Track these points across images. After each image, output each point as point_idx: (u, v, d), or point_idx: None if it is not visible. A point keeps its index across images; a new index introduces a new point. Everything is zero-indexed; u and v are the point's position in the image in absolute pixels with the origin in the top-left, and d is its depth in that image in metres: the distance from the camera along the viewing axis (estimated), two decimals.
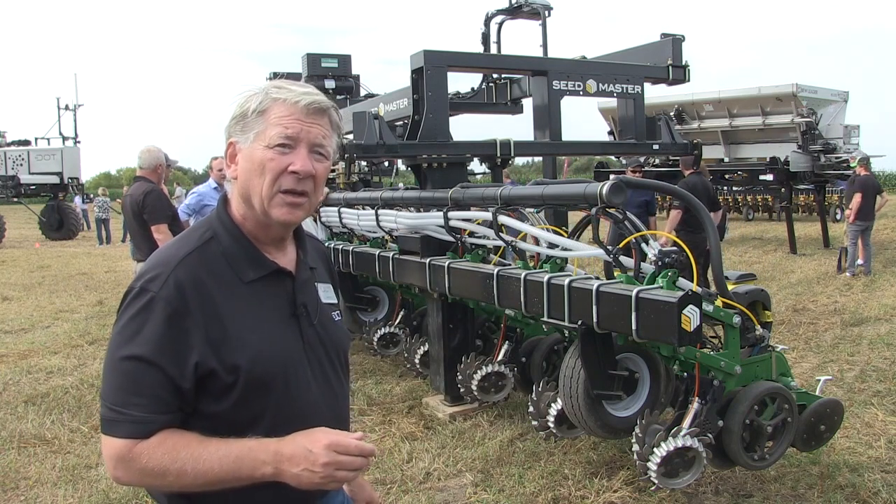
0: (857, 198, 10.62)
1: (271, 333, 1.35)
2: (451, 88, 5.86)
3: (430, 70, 4.98)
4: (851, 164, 11.95)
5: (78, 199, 24.33)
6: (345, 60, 9.01)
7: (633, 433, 3.23)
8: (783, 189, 13.72)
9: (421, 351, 5.28)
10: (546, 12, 7.22)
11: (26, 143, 24.69)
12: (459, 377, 4.59)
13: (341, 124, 1.43)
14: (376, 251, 5.30)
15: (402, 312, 5.87)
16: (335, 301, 1.57)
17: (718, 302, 3.24)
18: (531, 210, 4.09)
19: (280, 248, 1.44)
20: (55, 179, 23.30)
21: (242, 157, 1.36)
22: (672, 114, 15.05)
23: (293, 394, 1.36)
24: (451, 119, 5.71)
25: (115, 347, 1.27)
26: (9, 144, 24.39)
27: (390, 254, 5.05)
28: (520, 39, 8.30)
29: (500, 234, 4.03)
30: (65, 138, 25.79)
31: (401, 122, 6.29)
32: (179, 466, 1.22)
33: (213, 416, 1.29)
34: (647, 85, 5.95)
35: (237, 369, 1.28)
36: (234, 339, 1.29)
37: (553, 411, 3.72)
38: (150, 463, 1.22)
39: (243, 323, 1.31)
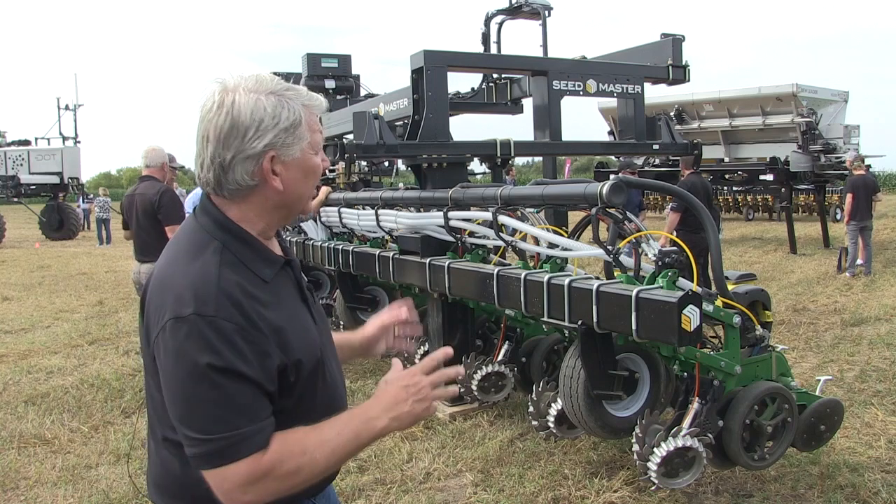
0: (848, 198, 10.67)
1: (303, 323, 1.40)
2: (451, 88, 5.86)
3: (430, 70, 4.98)
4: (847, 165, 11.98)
5: (79, 199, 24.35)
6: (345, 60, 9.01)
7: (633, 433, 3.23)
8: (783, 189, 13.71)
9: (421, 351, 5.27)
10: (546, 12, 7.21)
11: (26, 143, 24.69)
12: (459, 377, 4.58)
13: None
14: (376, 251, 5.30)
15: None
16: None
17: (718, 302, 3.24)
18: (531, 210, 4.09)
19: (272, 239, 1.47)
20: (55, 179, 23.29)
21: (289, 167, 1.34)
22: (672, 114, 15.06)
23: (329, 375, 1.43)
24: (451, 119, 5.71)
25: (197, 378, 1.20)
26: (9, 144, 24.38)
27: (390, 254, 5.04)
28: (520, 39, 8.31)
29: (500, 234, 4.03)
30: (65, 138, 25.82)
31: (401, 122, 6.29)
32: (311, 457, 1.26)
33: (283, 412, 1.31)
34: (647, 85, 5.95)
35: (299, 363, 1.32)
36: (288, 337, 1.32)
37: (553, 411, 3.72)
38: (286, 467, 1.24)
39: (284, 320, 1.33)
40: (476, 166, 5.93)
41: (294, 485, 1.27)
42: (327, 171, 7.29)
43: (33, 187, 23.59)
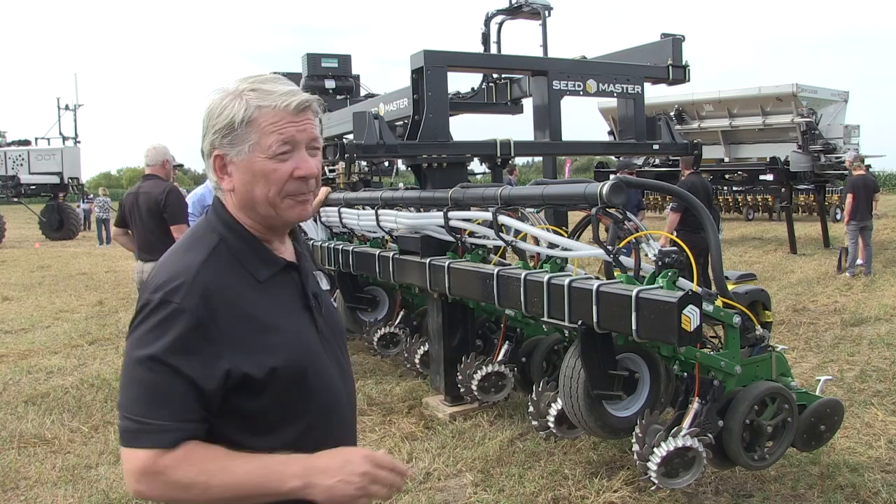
0: (848, 198, 10.69)
1: (294, 329, 1.36)
2: (451, 88, 5.86)
3: (430, 70, 4.98)
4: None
5: (79, 199, 24.35)
6: (345, 60, 9.02)
7: (633, 433, 3.23)
8: (783, 189, 13.72)
9: (421, 351, 5.28)
10: (546, 12, 7.21)
11: (26, 143, 24.69)
12: (459, 377, 4.59)
13: (319, 109, 1.42)
14: (376, 251, 5.30)
15: (402, 312, 5.87)
16: (328, 288, 1.61)
17: (718, 302, 3.24)
18: (531, 210, 4.09)
19: (282, 241, 1.44)
20: (55, 179, 23.29)
21: (238, 168, 1.33)
22: (672, 114, 15.06)
23: (322, 385, 1.38)
24: (451, 119, 5.71)
25: (137, 360, 1.22)
26: (9, 144, 24.39)
27: (390, 254, 5.05)
28: (520, 39, 8.31)
29: (500, 234, 4.03)
30: (65, 138, 25.84)
31: (401, 122, 6.29)
32: (206, 479, 1.20)
33: (250, 415, 1.29)
34: (647, 85, 5.95)
35: (274, 370, 1.28)
36: (265, 342, 1.29)
37: (553, 411, 3.72)
38: (177, 476, 1.20)
39: (268, 323, 1.31)
40: (476, 166, 5.93)
41: (186, 498, 1.22)
42: (327, 171, 7.31)
43: (33, 187, 23.59)
